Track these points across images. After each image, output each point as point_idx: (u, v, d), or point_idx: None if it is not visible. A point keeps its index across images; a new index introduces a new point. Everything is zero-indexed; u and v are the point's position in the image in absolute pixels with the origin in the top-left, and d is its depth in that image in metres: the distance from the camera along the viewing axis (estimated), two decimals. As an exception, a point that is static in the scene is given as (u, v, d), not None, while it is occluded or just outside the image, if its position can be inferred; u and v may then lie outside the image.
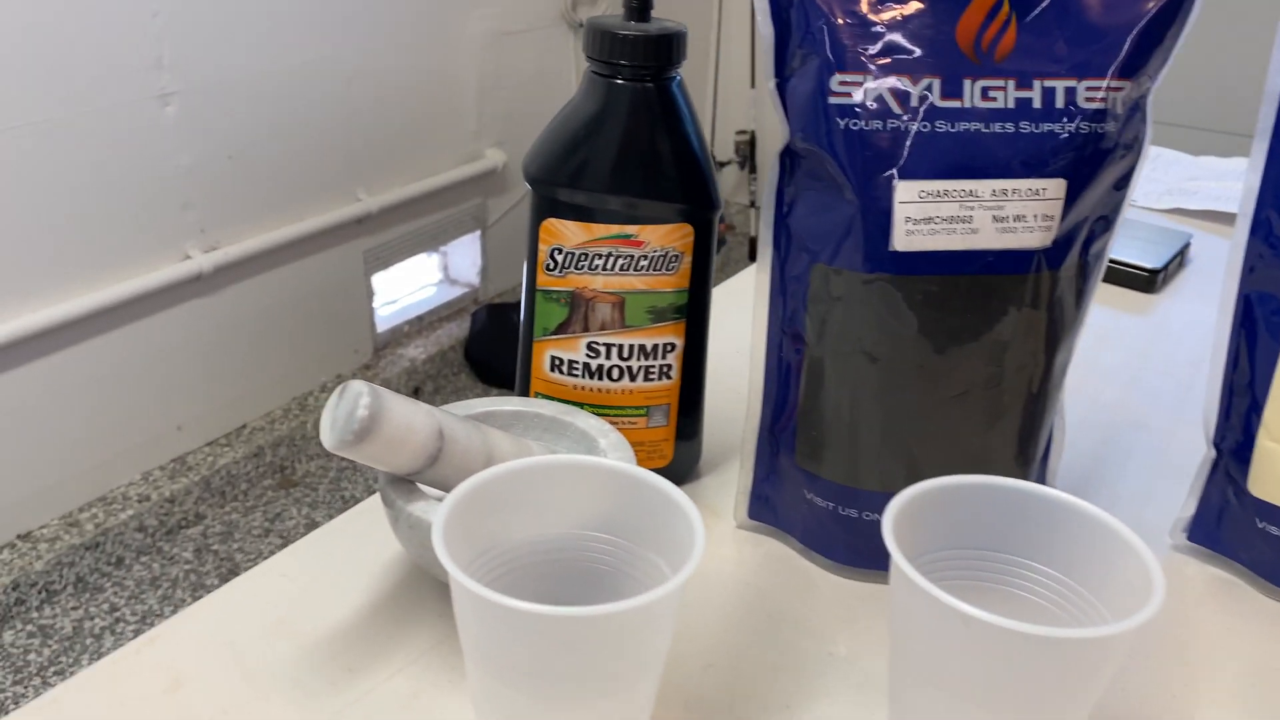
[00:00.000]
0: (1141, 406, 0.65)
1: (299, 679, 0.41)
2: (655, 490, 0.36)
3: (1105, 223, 0.46)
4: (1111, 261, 0.82)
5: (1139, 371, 0.70)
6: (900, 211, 0.43)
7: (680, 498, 0.36)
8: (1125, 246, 0.82)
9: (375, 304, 2.18)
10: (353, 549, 0.48)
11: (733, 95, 2.98)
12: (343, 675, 0.42)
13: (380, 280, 2.18)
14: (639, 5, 0.46)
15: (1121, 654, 0.34)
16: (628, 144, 0.47)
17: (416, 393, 2.21)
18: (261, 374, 1.96)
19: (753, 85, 2.87)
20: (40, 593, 1.64)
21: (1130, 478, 0.58)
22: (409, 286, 2.29)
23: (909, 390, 0.45)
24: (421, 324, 2.32)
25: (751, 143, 2.95)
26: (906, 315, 0.44)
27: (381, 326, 2.23)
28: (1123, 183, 0.46)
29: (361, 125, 2.00)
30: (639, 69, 0.46)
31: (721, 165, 2.92)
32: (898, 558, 0.33)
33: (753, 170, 2.95)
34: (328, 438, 0.39)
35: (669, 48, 0.46)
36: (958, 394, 0.46)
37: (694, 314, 0.51)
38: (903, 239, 0.43)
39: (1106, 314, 0.77)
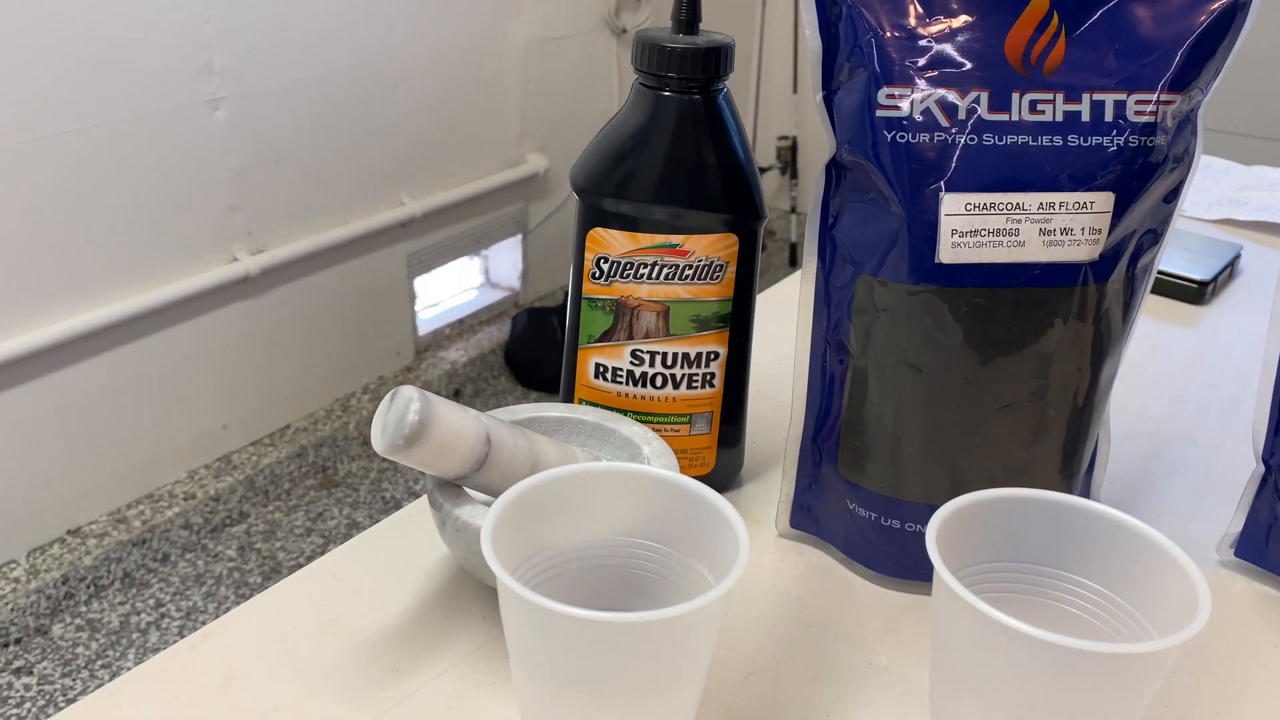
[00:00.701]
0: (1189, 420, 0.64)
1: (347, 679, 0.42)
2: (700, 499, 0.37)
3: (1154, 235, 0.46)
4: (1160, 273, 0.82)
5: (1187, 384, 0.69)
6: (946, 224, 0.43)
7: (725, 507, 0.36)
8: (1174, 257, 0.82)
9: (417, 307, 2.21)
10: (400, 551, 0.49)
11: (774, 101, 2.98)
12: (390, 676, 0.42)
13: (422, 283, 2.20)
14: (688, 18, 0.47)
15: (1166, 670, 0.34)
16: (674, 155, 0.48)
17: (457, 395, 2.23)
18: (305, 375, 1.99)
19: (794, 91, 2.86)
20: (89, 587, 1.67)
21: (1176, 492, 0.57)
22: (451, 290, 2.31)
23: (953, 402, 0.45)
24: (463, 327, 2.34)
25: (793, 148, 2.94)
26: (952, 327, 0.44)
27: (423, 329, 2.25)
28: (1172, 196, 0.46)
29: (405, 130, 2.03)
30: (687, 81, 0.47)
31: (763, 171, 2.92)
32: (941, 570, 0.34)
33: (794, 176, 2.95)
34: (379, 442, 0.40)
35: (716, 60, 0.47)
36: (1002, 406, 0.45)
37: (737, 323, 0.51)
38: (948, 251, 0.43)
39: (1155, 326, 0.76)
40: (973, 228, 0.43)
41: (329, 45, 1.86)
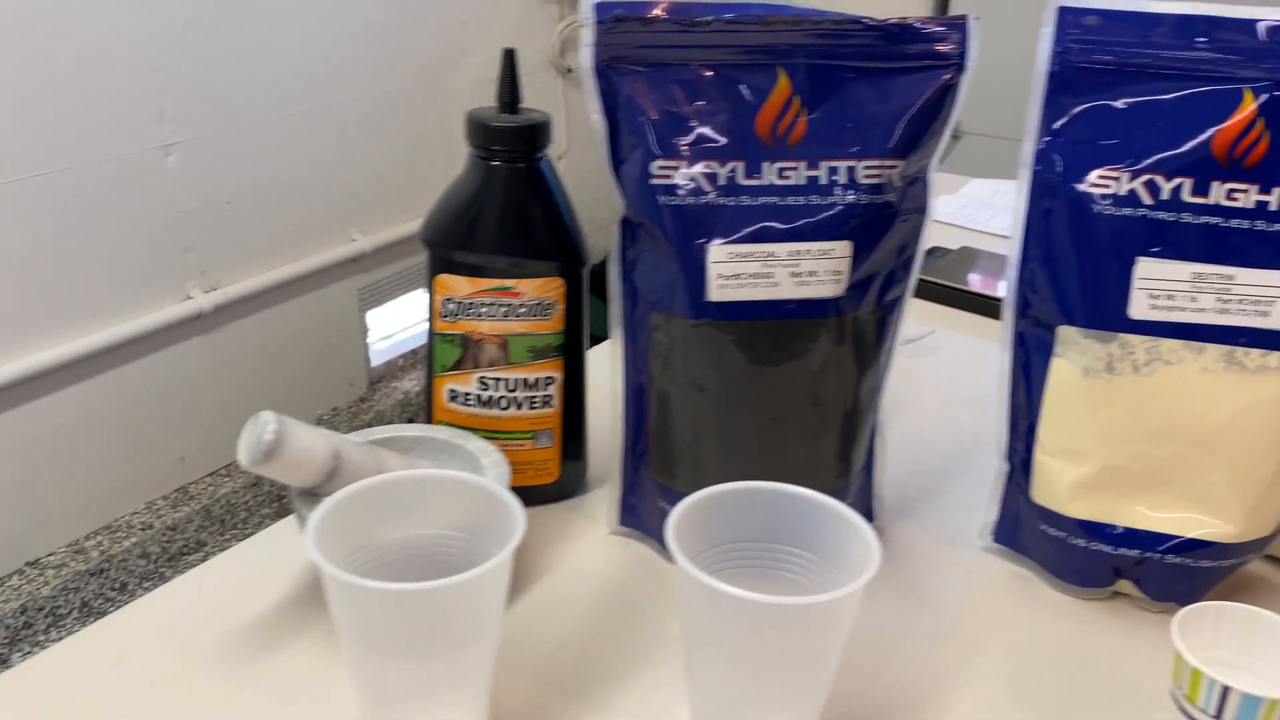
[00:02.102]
0: (992, 429, 0.74)
1: (222, 655, 0.51)
2: (492, 495, 0.46)
3: (898, 274, 0.56)
4: (978, 294, 0.92)
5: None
6: (713, 269, 0.52)
7: (509, 498, 0.45)
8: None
9: (370, 339, 2.29)
10: (277, 552, 0.58)
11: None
12: (259, 652, 0.51)
13: (374, 316, 2.29)
14: (510, 100, 0.56)
15: (851, 613, 0.43)
16: (504, 213, 0.57)
17: (410, 422, 2.31)
18: (261, 407, 2.06)
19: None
20: (47, 616, 1.74)
21: (965, 489, 0.67)
22: (402, 322, 2.39)
23: (733, 414, 0.55)
24: (415, 357, 2.42)
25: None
26: (726, 352, 0.53)
27: (376, 361, 2.33)
28: (911, 240, 0.56)
29: (355, 170, 2.12)
30: (511, 152, 0.56)
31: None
32: (675, 552, 0.42)
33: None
34: (242, 458, 0.49)
35: (535, 135, 0.56)
36: (774, 417, 0.55)
37: (570, 351, 0.60)
38: (717, 291, 0.52)
39: (973, 343, 0.86)
40: (735, 272, 0.52)
41: (278, 91, 1.95)
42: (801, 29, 0.51)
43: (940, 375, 0.81)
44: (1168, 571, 0.55)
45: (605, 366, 0.59)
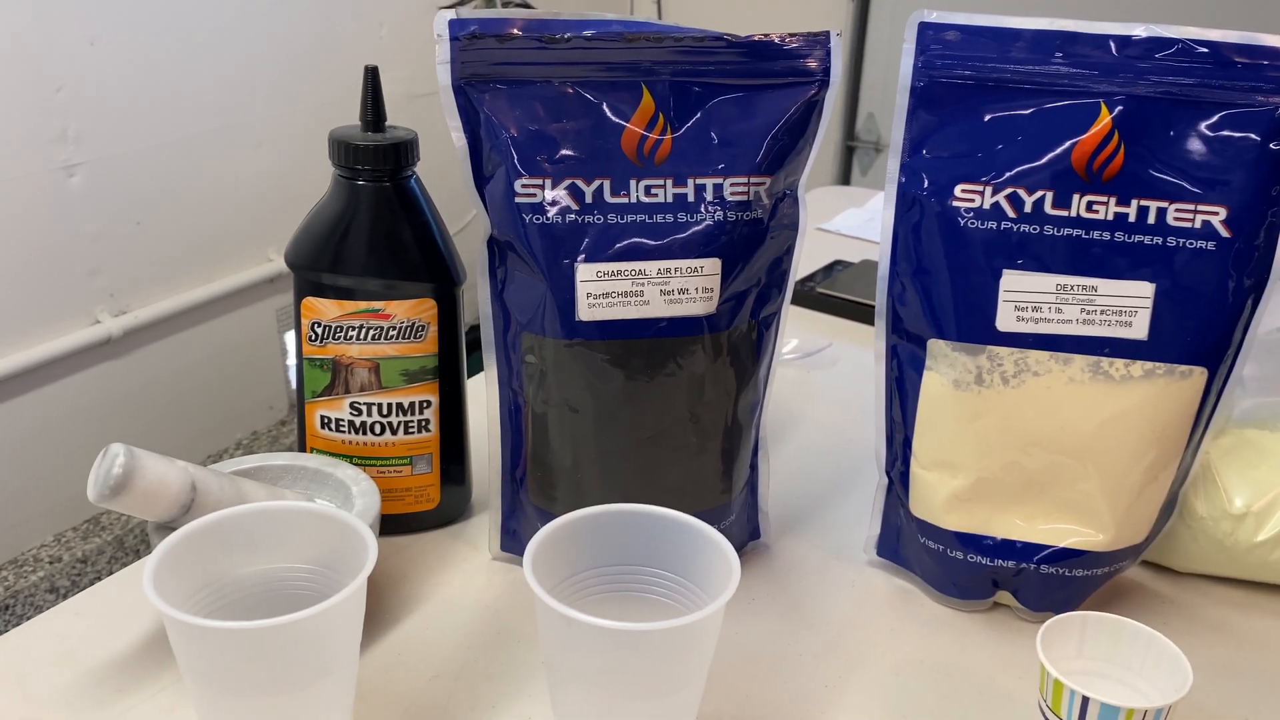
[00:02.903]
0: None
1: (71, 700, 0.48)
2: (345, 525, 0.44)
3: (772, 290, 0.55)
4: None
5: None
6: (582, 289, 0.51)
7: (361, 528, 0.43)
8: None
9: (290, 361, 2.24)
10: (135, 591, 0.56)
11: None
12: (111, 695, 0.49)
13: (293, 338, 2.24)
14: (374, 118, 0.55)
15: (712, 634, 0.42)
16: (371, 234, 0.56)
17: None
18: (177, 433, 2.01)
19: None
20: (-53, 655, 1.66)
21: (854, 504, 0.66)
22: (324, 342, 2.34)
23: (609, 435, 0.54)
24: (338, 378, 2.38)
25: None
26: (599, 371, 0.52)
27: (296, 383, 2.28)
28: (784, 257, 0.55)
29: (270, 188, 2.08)
30: (376, 171, 0.55)
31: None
32: (531, 581, 0.41)
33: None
34: (90, 493, 0.47)
35: (401, 153, 0.55)
36: (651, 436, 0.54)
37: (446, 374, 0.59)
38: (586, 311, 0.51)
39: (871, 357, 0.86)
40: (605, 291, 0.51)
41: (188, 109, 1.90)
42: (663, 46, 0.51)
43: (836, 388, 0.81)
44: (1043, 581, 0.55)
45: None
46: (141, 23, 1.80)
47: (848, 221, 1.19)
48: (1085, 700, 0.43)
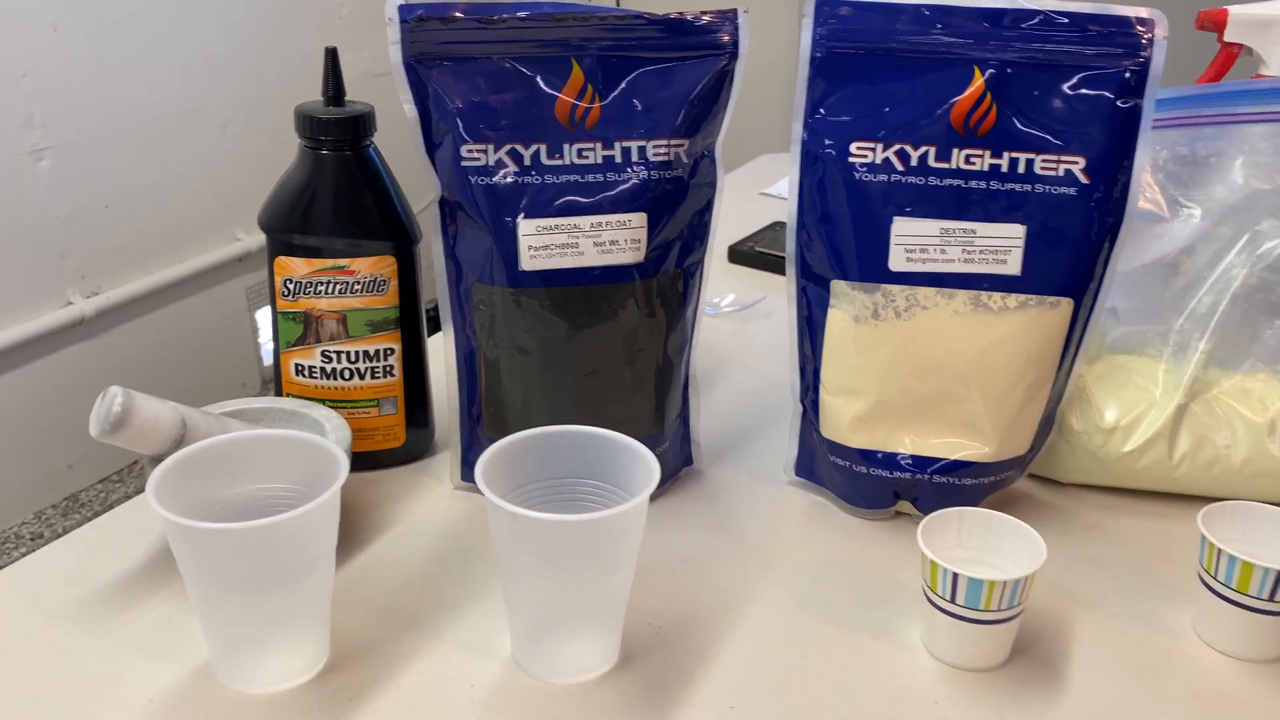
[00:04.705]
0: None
1: (81, 613, 0.55)
2: (319, 448, 0.51)
3: (696, 241, 0.63)
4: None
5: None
6: (524, 242, 0.58)
7: (333, 448, 0.50)
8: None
9: (261, 339, 2.29)
10: (140, 520, 0.62)
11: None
12: (115, 608, 0.55)
13: (265, 315, 2.29)
14: (334, 94, 0.62)
15: (636, 526, 0.49)
16: (333, 198, 0.62)
17: (306, 420, 2.32)
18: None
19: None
20: (-64, 629, 1.71)
21: (779, 434, 0.73)
22: (294, 319, 2.39)
23: (553, 373, 0.61)
24: (309, 354, 2.43)
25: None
26: (541, 316, 0.59)
27: (269, 360, 2.34)
28: (705, 211, 0.62)
29: (237, 168, 2.12)
30: (338, 142, 0.61)
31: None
32: (482, 486, 0.48)
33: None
34: (93, 429, 0.53)
35: (359, 125, 0.62)
36: (590, 373, 0.61)
37: (408, 324, 0.66)
38: (528, 262, 0.58)
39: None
40: (544, 244, 0.58)
41: (152, 91, 1.94)
42: (589, 24, 0.57)
43: (770, 337, 0.89)
44: (937, 490, 0.63)
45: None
46: (104, 8, 1.84)
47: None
48: (955, 576, 0.51)
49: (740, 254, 1.05)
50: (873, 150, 0.59)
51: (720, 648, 0.54)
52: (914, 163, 0.59)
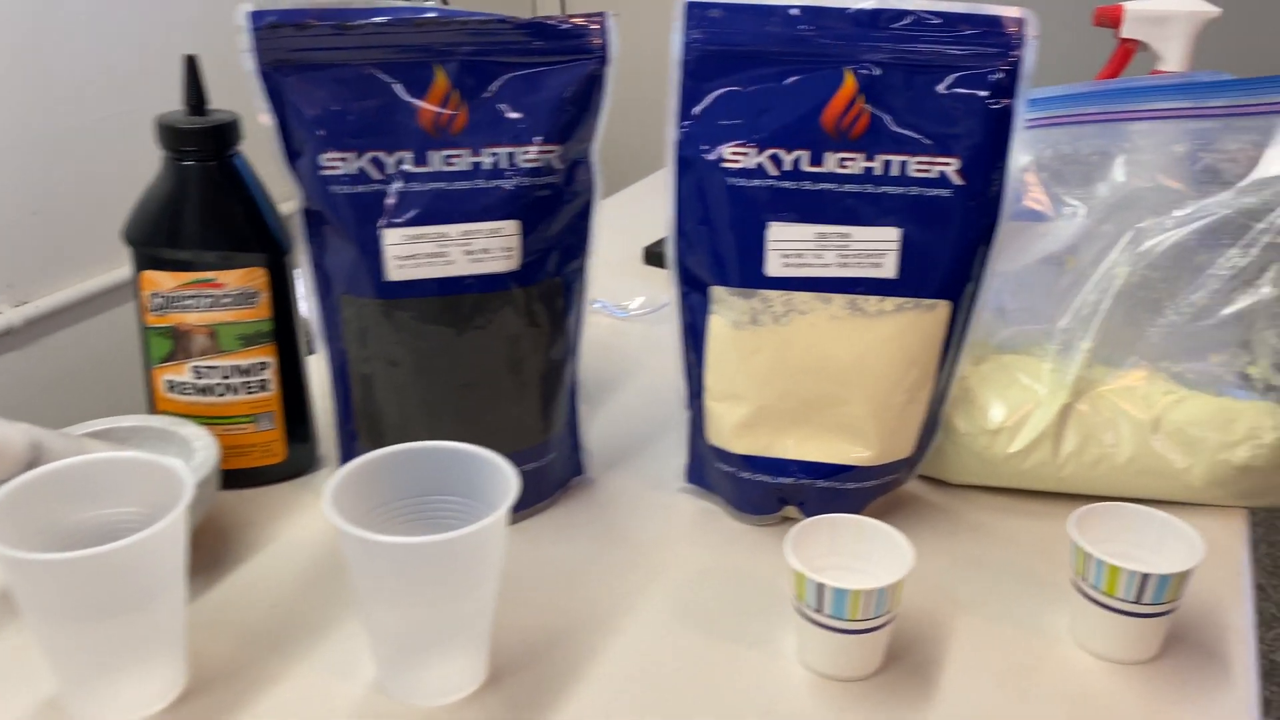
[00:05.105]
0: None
1: (-69, 645, 0.53)
2: (166, 470, 0.49)
3: (575, 248, 0.62)
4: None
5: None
6: (389, 252, 0.57)
7: (178, 469, 0.49)
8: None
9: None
10: None
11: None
12: (-31, 639, 0.54)
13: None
14: (195, 103, 0.60)
15: (493, 544, 0.48)
16: (198, 210, 0.60)
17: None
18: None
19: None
20: None
21: (679, 438, 0.73)
22: (233, 325, 2.35)
23: (427, 386, 0.60)
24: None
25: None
26: (412, 328, 0.58)
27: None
28: (582, 217, 0.61)
29: (168, 174, 2.08)
30: (201, 152, 0.60)
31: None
32: (329, 512, 0.47)
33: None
34: (-67, 454, 0.51)
35: (222, 134, 0.60)
36: (467, 384, 0.60)
37: (283, 337, 0.64)
38: (395, 271, 0.57)
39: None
40: (410, 253, 0.57)
41: (79, 97, 1.90)
42: (450, 29, 0.56)
43: (676, 340, 0.88)
44: (821, 495, 0.62)
45: (316, 348, 0.63)
46: (25, 10, 1.79)
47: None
48: (820, 586, 0.50)
49: (655, 256, 1.04)
50: (746, 155, 0.58)
51: (593, 663, 0.53)
52: (787, 167, 0.58)
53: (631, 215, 1.09)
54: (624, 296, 0.96)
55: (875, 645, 0.52)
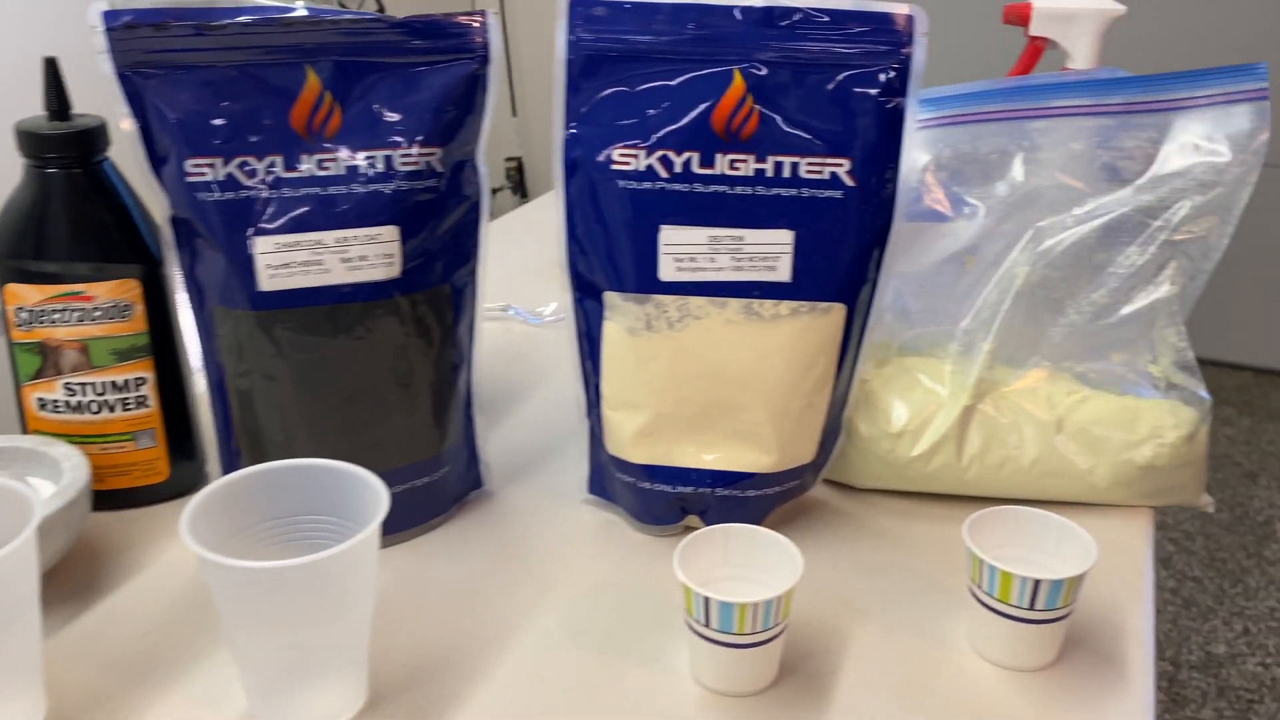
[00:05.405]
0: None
1: None
2: (12, 492, 0.47)
3: (464, 254, 0.60)
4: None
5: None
6: (262, 261, 0.54)
7: (23, 492, 0.46)
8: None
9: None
10: None
11: (497, 125, 3.11)
12: None
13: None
14: (58, 108, 0.57)
15: (361, 563, 0.46)
16: (64, 220, 0.58)
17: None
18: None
19: (514, 114, 3.00)
20: None
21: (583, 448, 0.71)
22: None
23: (308, 400, 0.57)
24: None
25: (520, 169, 3.08)
26: (289, 339, 0.56)
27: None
28: (469, 222, 0.59)
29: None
30: (65, 159, 0.57)
31: (495, 192, 3.05)
32: (186, 539, 0.44)
33: (524, 195, 3.09)
34: None
35: (89, 140, 0.57)
36: (349, 397, 0.58)
37: (162, 350, 0.61)
38: (268, 281, 0.55)
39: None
40: (284, 262, 0.55)
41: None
42: (321, 28, 0.54)
43: (571, 348, 0.86)
44: (721, 503, 0.61)
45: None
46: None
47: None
48: (706, 600, 0.48)
49: (575, 260, 1.02)
50: (635, 157, 0.57)
51: (478, 685, 0.51)
52: (678, 169, 0.57)
53: (551, 220, 1.07)
54: (539, 302, 0.94)
55: (766, 659, 0.50)
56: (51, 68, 0.57)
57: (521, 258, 1.06)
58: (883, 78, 0.56)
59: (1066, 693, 0.51)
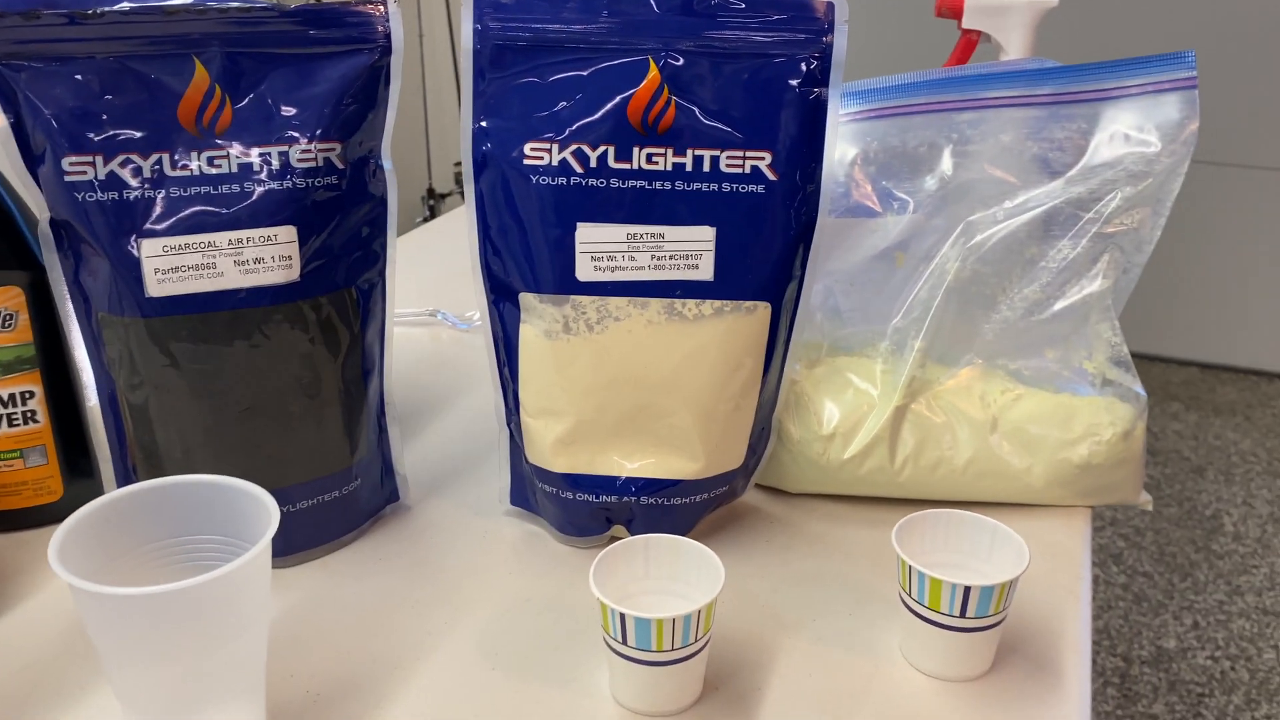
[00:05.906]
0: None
1: None
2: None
3: (370, 255, 0.57)
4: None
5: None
6: (149, 265, 0.51)
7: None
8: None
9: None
10: None
11: (445, 129, 3.07)
12: None
13: None
14: (-73, 104, 0.53)
15: (252, 582, 0.43)
16: (-62, 224, 0.54)
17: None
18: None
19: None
20: None
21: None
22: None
23: (203, 411, 0.54)
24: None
25: (468, 173, 3.04)
26: (180, 348, 0.52)
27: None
28: (377, 222, 0.57)
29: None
30: (-65, 159, 0.53)
31: (444, 196, 3.01)
32: (54, 564, 0.41)
33: (472, 199, 3.05)
34: None
35: (-39, 139, 0.53)
36: (249, 407, 0.54)
37: (50, 362, 0.58)
38: (156, 287, 0.51)
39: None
40: (174, 265, 0.51)
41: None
42: (208, 17, 0.51)
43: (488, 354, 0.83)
44: (647, 512, 0.58)
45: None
46: None
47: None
48: (623, 616, 0.46)
49: (508, 263, 0.99)
50: (548, 151, 0.54)
51: (384, 711, 0.48)
52: (593, 164, 0.54)
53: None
54: (469, 307, 0.91)
55: (688, 676, 0.48)
56: (-81, 61, 0.53)
57: (452, 261, 1.03)
58: (804, 67, 0.54)
59: (1000, 702, 0.49)
